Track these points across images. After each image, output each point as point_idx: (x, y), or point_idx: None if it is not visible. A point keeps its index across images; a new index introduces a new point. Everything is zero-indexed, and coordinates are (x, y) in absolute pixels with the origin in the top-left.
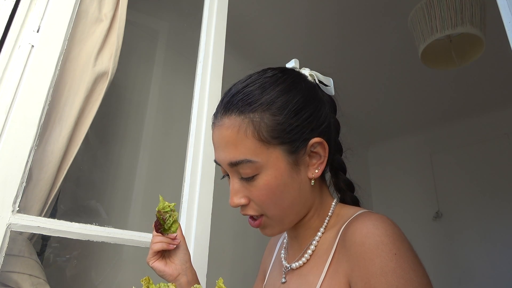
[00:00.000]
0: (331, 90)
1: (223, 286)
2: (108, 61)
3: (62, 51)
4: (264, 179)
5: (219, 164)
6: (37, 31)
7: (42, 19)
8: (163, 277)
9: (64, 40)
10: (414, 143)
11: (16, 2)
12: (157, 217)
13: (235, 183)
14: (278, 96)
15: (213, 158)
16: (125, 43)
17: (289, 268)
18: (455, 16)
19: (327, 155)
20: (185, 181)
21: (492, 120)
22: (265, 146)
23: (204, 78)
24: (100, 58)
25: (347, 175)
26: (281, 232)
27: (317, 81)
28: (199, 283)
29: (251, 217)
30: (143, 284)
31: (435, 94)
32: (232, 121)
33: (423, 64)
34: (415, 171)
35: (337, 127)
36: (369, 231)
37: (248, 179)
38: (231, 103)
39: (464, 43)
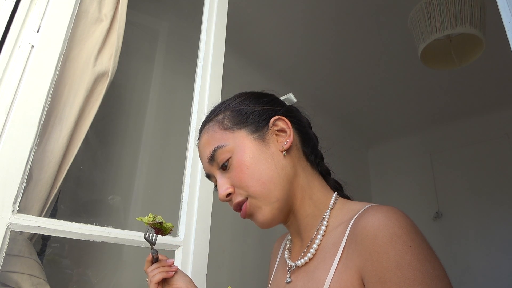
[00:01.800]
0: (291, 99)
1: None
2: (108, 61)
3: (62, 51)
4: (236, 159)
5: (209, 176)
6: (37, 31)
7: (42, 19)
8: None
9: (64, 40)
10: (414, 143)
11: (16, 2)
12: (153, 227)
13: (218, 178)
14: (236, 99)
15: None
16: (125, 43)
17: (294, 266)
18: (454, 16)
19: (291, 127)
20: (185, 181)
21: (492, 120)
22: (230, 132)
23: (204, 78)
24: (100, 58)
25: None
26: (272, 214)
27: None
28: None
29: (240, 207)
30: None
31: (435, 94)
32: (205, 130)
33: (423, 64)
34: (415, 171)
35: (315, 137)
36: (382, 223)
37: (226, 167)
38: (204, 121)
39: (464, 43)
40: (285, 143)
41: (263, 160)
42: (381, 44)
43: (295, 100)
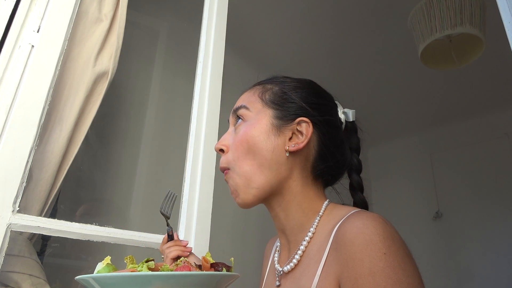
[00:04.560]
0: (348, 115)
1: (210, 259)
2: (108, 61)
3: (62, 51)
4: (245, 128)
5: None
6: (37, 31)
7: (42, 19)
8: None
9: (64, 40)
10: (414, 143)
11: (16, 2)
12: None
13: (228, 132)
14: (296, 82)
15: (213, 158)
16: (125, 43)
17: (281, 271)
18: (454, 16)
19: (309, 136)
20: (185, 181)
21: (492, 120)
22: (262, 104)
23: (204, 78)
24: (100, 58)
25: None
26: (247, 199)
27: (342, 110)
28: None
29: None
30: (127, 261)
31: (435, 94)
32: (254, 87)
33: (423, 64)
34: (415, 171)
35: (358, 165)
36: (359, 231)
37: (237, 122)
38: (261, 80)
39: (464, 43)
40: (293, 145)
41: (263, 144)
42: (381, 44)
43: (350, 118)
